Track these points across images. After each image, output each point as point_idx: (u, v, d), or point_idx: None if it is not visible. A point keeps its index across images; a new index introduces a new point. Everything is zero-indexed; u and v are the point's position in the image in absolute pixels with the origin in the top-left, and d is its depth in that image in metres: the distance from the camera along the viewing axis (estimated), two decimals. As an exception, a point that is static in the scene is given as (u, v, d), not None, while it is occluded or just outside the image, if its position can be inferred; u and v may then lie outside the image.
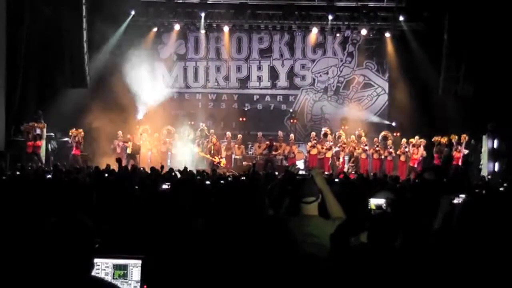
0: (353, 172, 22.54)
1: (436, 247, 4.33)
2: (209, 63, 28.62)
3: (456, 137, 23.34)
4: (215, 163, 24.00)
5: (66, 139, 24.72)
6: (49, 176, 13.63)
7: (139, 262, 3.99)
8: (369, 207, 5.29)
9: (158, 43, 28.32)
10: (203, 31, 28.00)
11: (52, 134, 24.31)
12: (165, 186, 8.75)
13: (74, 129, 23.92)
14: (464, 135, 23.26)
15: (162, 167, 15.38)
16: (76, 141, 23.86)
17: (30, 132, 22.80)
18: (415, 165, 23.79)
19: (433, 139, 24.02)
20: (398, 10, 26.46)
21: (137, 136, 24.91)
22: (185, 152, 24.91)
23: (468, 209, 4.40)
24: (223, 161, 24.70)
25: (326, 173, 21.94)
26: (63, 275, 3.15)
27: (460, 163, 23.19)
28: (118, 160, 13.00)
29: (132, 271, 3.98)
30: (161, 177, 12.26)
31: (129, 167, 16.58)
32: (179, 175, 13.75)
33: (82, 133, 24.02)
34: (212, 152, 24.72)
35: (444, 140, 23.78)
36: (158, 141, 25.40)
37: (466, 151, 23.27)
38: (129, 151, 23.99)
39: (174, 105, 27.59)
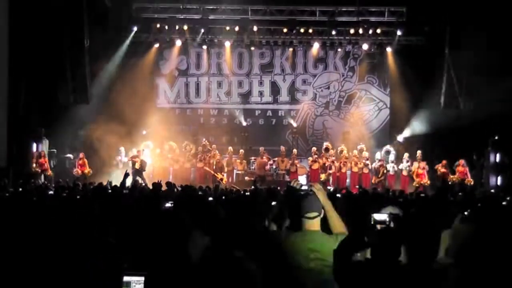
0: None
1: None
2: (211, 79, 28.67)
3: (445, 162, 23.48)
4: (218, 179, 24.01)
5: (68, 155, 24.75)
6: (50, 192, 13.61)
7: (142, 279, 3.98)
8: (372, 222, 5.25)
9: (160, 59, 28.39)
10: (204, 47, 28.11)
11: (54, 150, 24.32)
12: (168, 205, 8.71)
13: (82, 154, 24.03)
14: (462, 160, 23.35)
15: (161, 183, 15.34)
16: (80, 164, 23.97)
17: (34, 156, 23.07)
18: (424, 179, 23.76)
19: (435, 167, 23.94)
20: (399, 25, 26.54)
21: (139, 152, 24.90)
22: (187, 167, 24.92)
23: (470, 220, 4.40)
24: (225, 178, 24.68)
25: (329, 188, 21.96)
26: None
27: (467, 176, 23.19)
28: (126, 175, 13.02)
29: (135, 288, 3.96)
30: (163, 194, 12.25)
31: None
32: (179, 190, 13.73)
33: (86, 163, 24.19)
34: (214, 167, 24.75)
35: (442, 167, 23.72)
36: (160, 156, 25.42)
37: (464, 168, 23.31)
38: (137, 166, 23.92)
39: (176, 120, 27.61)
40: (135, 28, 26.75)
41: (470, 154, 23.71)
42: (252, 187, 17.57)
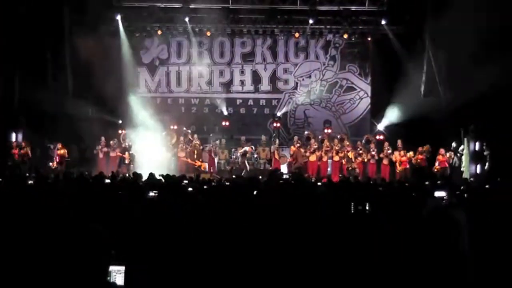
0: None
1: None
2: (192, 68, 28.57)
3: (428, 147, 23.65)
4: (196, 166, 23.87)
5: (48, 145, 24.58)
6: (30, 182, 13.52)
7: (122, 268, 3.98)
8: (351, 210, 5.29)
9: (140, 48, 28.23)
10: (185, 36, 27.99)
11: (35, 140, 24.16)
12: (152, 194, 8.71)
13: (60, 144, 23.85)
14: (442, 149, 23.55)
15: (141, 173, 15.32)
16: (59, 154, 23.80)
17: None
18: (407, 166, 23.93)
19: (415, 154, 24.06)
20: (379, 14, 26.65)
21: (119, 142, 24.80)
22: (168, 157, 24.86)
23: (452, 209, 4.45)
24: (204, 164, 24.57)
25: (311, 177, 22.04)
26: (82, 283, 3.17)
27: (446, 165, 23.37)
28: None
29: (115, 278, 3.96)
30: (145, 184, 12.22)
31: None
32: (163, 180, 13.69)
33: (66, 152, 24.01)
34: (195, 155, 24.69)
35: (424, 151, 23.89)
36: (141, 146, 25.28)
37: (448, 154, 23.49)
38: (126, 161, 23.85)
39: (157, 109, 27.49)
40: (118, 17, 26.59)
41: (449, 142, 23.85)
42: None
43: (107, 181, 13.86)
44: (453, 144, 23.81)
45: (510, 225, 5.43)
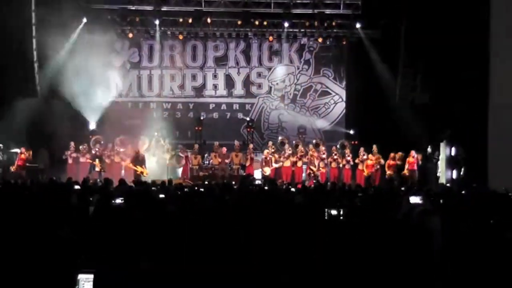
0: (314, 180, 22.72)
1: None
2: (164, 72, 28.48)
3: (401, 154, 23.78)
4: (138, 172, 23.33)
5: (14, 150, 24.29)
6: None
7: (91, 276, 3.93)
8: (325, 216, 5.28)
9: (111, 51, 28.05)
10: (157, 39, 27.90)
11: (1, 145, 23.85)
12: (118, 201, 8.66)
13: (24, 148, 23.58)
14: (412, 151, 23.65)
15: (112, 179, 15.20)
16: (22, 158, 23.53)
17: None
18: (372, 171, 23.99)
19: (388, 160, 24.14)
20: (354, 18, 26.81)
21: (89, 147, 24.59)
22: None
23: (426, 215, 4.48)
24: (146, 171, 23.88)
25: (284, 182, 22.06)
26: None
27: (415, 168, 23.48)
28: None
29: (84, 286, 3.92)
30: (115, 190, 12.15)
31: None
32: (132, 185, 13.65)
33: (31, 153, 23.73)
34: (134, 161, 23.92)
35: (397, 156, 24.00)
36: (111, 151, 25.08)
37: (417, 156, 23.62)
38: (97, 169, 23.58)
39: (128, 114, 27.32)
40: (84, 19, 26.38)
41: (425, 147, 24.02)
42: None
43: (77, 187, 13.75)
44: (429, 149, 23.97)
45: (484, 231, 5.48)
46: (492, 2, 20.92)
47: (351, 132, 27.10)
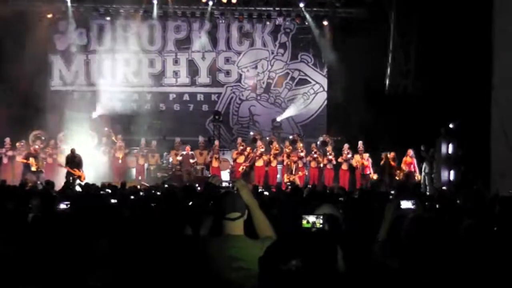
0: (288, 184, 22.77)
1: (380, 266, 4.41)
2: (116, 56, 28.31)
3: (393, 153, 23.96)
4: (76, 176, 23.10)
5: None
6: None
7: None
8: (302, 225, 5.26)
9: (54, 32, 27.83)
10: (108, 18, 27.73)
11: None
12: (63, 206, 8.60)
13: None
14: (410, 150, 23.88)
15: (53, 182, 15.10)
16: None
17: None
18: (369, 173, 24.12)
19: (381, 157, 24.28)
20: (337, -6, 26.86)
21: (28, 144, 24.39)
22: (87, 162, 24.59)
23: (419, 225, 4.50)
24: (83, 174, 23.67)
25: (257, 185, 22.06)
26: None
27: (413, 169, 23.70)
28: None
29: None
30: (58, 194, 12.07)
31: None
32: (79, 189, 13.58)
33: None
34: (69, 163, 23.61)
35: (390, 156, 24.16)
36: (54, 149, 24.90)
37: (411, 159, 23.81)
38: (33, 168, 23.35)
39: (74, 106, 27.12)
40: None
41: (418, 144, 24.10)
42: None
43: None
44: (422, 147, 24.05)
45: (487, 240, 5.53)
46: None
47: (334, 126, 27.09)
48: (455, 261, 4.32)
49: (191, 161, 24.94)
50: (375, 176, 23.83)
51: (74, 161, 23.16)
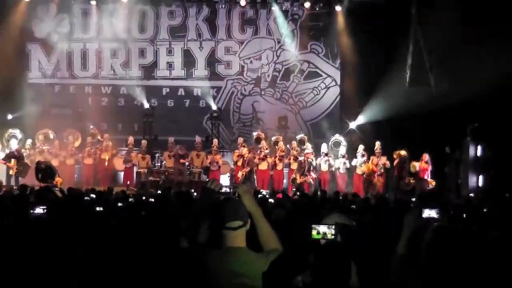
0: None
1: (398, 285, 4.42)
2: (102, 45, 28.34)
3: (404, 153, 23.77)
4: (54, 182, 23.00)
5: None
6: None
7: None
8: (312, 236, 5.26)
9: (33, 18, 27.86)
10: (93, 2, 27.75)
11: None
12: (39, 210, 8.62)
13: None
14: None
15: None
16: None
17: None
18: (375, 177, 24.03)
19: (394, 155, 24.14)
20: (351, -24, 26.85)
21: (2, 143, 24.45)
22: (69, 164, 24.61)
23: (442, 237, 4.51)
24: (60, 180, 23.61)
25: (258, 190, 22.03)
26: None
27: (427, 176, 23.55)
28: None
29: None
30: (35, 198, 12.07)
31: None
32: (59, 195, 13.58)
33: None
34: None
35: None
36: (32, 149, 24.95)
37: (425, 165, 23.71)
38: (12, 172, 23.35)
39: (54, 101, 27.16)
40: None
41: (442, 146, 24.05)
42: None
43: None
44: (447, 149, 24.01)
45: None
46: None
47: (348, 125, 27.08)
48: (483, 279, 4.32)
49: (185, 162, 24.83)
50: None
51: (46, 173, 22.94)
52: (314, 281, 4.34)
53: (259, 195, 14.80)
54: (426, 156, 23.71)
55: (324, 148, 25.06)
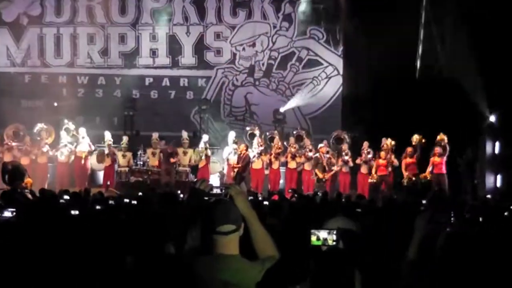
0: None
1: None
2: (78, 30, 28.32)
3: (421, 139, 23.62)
4: (23, 184, 22.89)
5: None
6: None
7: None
8: (311, 242, 5.27)
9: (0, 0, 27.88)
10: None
11: None
12: (7, 214, 8.62)
13: None
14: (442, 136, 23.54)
15: None
16: None
17: None
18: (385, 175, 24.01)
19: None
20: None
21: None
22: (42, 163, 24.59)
23: (457, 243, 4.53)
24: (30, 180, 23.52)
25: (255, 191, 22.05)
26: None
27: (443, 171, 23.40)
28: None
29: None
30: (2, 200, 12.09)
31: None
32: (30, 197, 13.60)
33: None
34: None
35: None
36: (0, 147, 24.94)
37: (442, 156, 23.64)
38: None
39: (25, 92, 27.15)
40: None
41: (453, 141, 24.04)
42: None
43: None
44: (468, 152, 23.97)
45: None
46: None
47: (351, 119, 27.08)
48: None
49: (172, 160, 24.76)
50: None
51: (13, 175, 22.84)
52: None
53: (251, 197, 14.82)
54: (438, 149, 23.22)
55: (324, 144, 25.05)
